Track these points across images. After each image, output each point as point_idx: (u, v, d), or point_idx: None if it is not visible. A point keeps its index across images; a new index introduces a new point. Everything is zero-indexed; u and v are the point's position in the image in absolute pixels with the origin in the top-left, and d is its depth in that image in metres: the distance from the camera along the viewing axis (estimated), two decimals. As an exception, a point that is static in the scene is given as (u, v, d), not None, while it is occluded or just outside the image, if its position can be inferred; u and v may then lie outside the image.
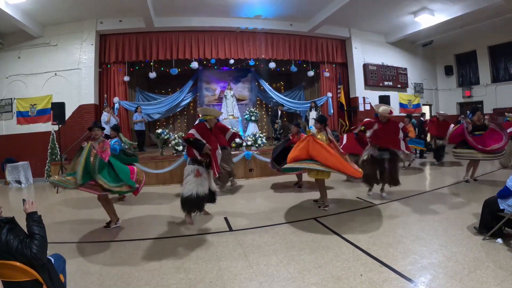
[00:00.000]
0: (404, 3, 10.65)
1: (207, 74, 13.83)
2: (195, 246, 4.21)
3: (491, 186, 6.87)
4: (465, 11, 10.52)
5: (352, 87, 13.54)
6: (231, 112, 12.62)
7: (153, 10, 9.92)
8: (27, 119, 10.45)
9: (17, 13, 9.02)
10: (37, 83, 10.45)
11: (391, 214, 5.26)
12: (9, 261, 2.17)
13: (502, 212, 3.83)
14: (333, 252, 3.82)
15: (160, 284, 3.23)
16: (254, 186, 8.36)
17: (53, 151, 10.09)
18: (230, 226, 5.02)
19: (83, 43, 10.56)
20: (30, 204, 2.47)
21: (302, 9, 10.85)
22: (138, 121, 10.88)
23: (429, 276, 3.11)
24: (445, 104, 15.76)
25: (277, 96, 13.59)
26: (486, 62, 14.29)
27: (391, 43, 14.19)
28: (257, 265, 3.57)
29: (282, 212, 5.69)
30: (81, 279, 3.36)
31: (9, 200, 8.12)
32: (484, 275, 3.04)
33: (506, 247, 3.66)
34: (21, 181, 9.75)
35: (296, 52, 12.60)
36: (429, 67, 15.94)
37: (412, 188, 6.98)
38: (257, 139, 10.07)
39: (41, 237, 2.29)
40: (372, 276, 3.16)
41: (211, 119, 5.22)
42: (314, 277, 3.21)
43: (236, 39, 11.98)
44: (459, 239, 3.98)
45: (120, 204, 6.78)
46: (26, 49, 10.51)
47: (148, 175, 8.55)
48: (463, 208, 5.35)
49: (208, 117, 5.22)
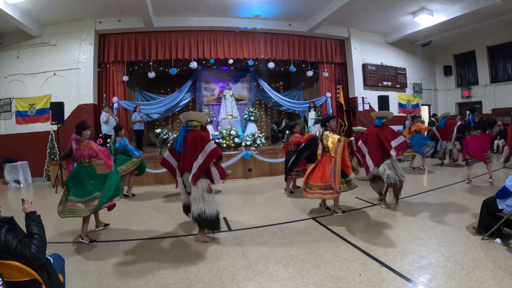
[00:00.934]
0: (403, 3, 10.67)
1: (206, 74, 13.85)
2: (194, 246, 4.21)
3: (490, 186, 6.89)
4: (464, 11, 10.53)
5: (351, 87, 13.55)
6: (230, 112, 12.63)
7: (152, 9, 9.92)
8: (26, 118, 10.43)
9: (16, 13, 9.01)
10: (36, 82, 10.44)
11: (390, 214, 5.27)
12: (8, 261, 2.17)
13: (501, 212, 3.84)
14: (332, 252, 3.82)
15: (159, 283, 3.22)
16: (253, 186, 8.37)
17: (52, 151, 10.10)
18: (229, 226, 5.02)
19: (82, 43, 10.54)
20: (29, 203, 2.47)
21: (301, 9, 10.86)
22: (137, 120, 10.88)
23: (428, 276, 3.11)
24: (444, 104, 15.78)
25: (276, 96, 13.60)
26: (485, 62, 14.31)
27: (390, 43, 14.21)
28: (256, 265, 3.57)
29: (281, 212, 5.69)
30: (80, 279, 3.35)
31: (8, 200, 8.11)
32: (483, 275, 3.05)
33: (505, 247, 3.66)
34: (20, 181, 9.74)
35: (295, 52, 12.61)
36: (428, 67, 15.96)
37: (412, 188, 6.99)
38: (256, 139, 10.08)
39: (40, 237, 2.29)
40: (371, 276, 3.16)
41: (197, 126, 4.43)
42: (313, 277, 3.21)
43: (235, 39, 11.98)
44: (458, 239, 3.98)
45: (120, 203, 6.77)
46: (25, 48, 10.49)
47: (147, 175, 8.59)
48: (462, 208, 5.36)
49: (194, 123, 4.41)
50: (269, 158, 9.58)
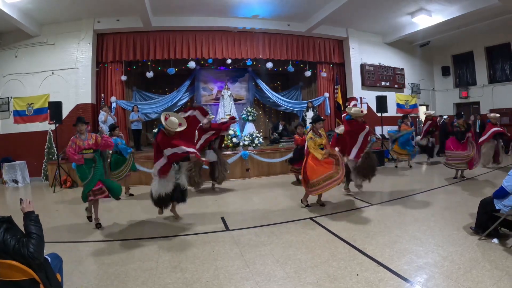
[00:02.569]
0: (402, 3, 10.68)
1: (205, 73, 13.84)
2: (191, 246, 4.22)
3: (487, 186, 6.92)
4: (462, 12, 10.55)
5: (349, 87, 13.55)
6: (228, 112, 12.62)
7: (151, 9, 9.89)
8: (24, 118, 10.40)
9: (15, 12, 8.98)
10: (34, 82, 10.41)
11: (387, 214, 5.29)
12: (6, 260, 2.17)
13: (498, 212, 3.86)
14: (329, 251, 3.83)
15: (156, 283, 3.23)
16: (250, 186, 8.38)
17: (50, 150, 10.08)
18: (227, 226, 5.03)
19: (81, 42, 10.51)
20: (27, 203, 2.48)
21: (300, 9, 10.86)
22: (135, 120, 10.85)
23: (425, 276, 3.13)
24: (442, 104, 15.81)
25: (274, 96, 13.59)
26: (483, 63, 14.32)
27: (389, 44, 14.21)
28: (254, 264, 3.57)
29: (279, 212, 5.70)
30: (78, 279, 3.35)
31: (6, 200, 8.10)
32: (480, 275, 3.07)
33: (502, 247, 3.68)
34: (18, 181, 9.71)
35: (293, 52, 12.59)
36: (426, 67, 15.98)
37: (408, 188, 7.01)
38: (254, 139, 10.09)
39: (38, 237, 2.29)
40: (368, 275, 3.18)
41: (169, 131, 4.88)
42: (310, 277, 3.22)
43: (233, 39, 11.96)
44: (455, 239, 4.00)
45: (118, 203, 6.78)
46: (23, 48, 10.46)
47: (146, 175, 8.58)
48: (459, 208, 5.37)
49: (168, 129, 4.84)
50: (267, 158, 9.59)
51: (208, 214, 5.66)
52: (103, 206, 6.37)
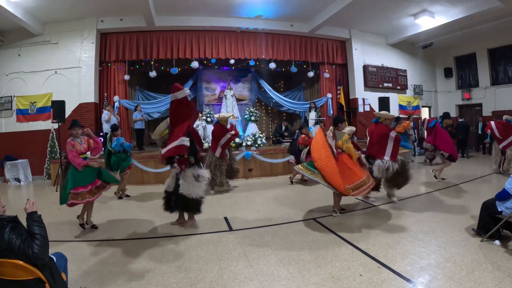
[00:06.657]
0: (405, 5, 10.67)
1: (207, 73, 13.84)
2: (195, 246, 4.23)
3: (490, 188, 6.92)
4: (465, 14, 10.53)
5: (351, 88, 13.55)
6: (231, 112, 12.62)
7: (154, 9, 9.91)
8: (27, 117, 10.43)
9: (18, 11, 9.02)
10: (37, 81, 10.44)
11: (390, 215, 5.30)
12: (12, 260, 2.18)
13: (500, 214, 3.86)
14: (333, 252, 3.85)
15: (160, 283, 3.25)
16: (253, 186, 8.39)
17: (53, 149, 10.12)
18: (230, 226, 5.05)
19: (84, 41, 10.54)
20: (31, 204, 2.47)
21: (303, 9, 10.86)
22: (137, 119, 10.86)
23: (427, 277, 3.14)
24: (444, 106, 15.78)
25: (276, 96, 13.60)
26: (485, 64, 14.30)
27: (391, 45, 14.20)
28: (257, 264, 3.59)
29: (282, 212, 5.72)
30: (82, 278, 3.37)
31: (8, 198, 8.11)
32: (482, 277, 3.07)
33: (504, 249, 3.69)
34: (20, 179, 9.75)
35: (296, 53, 12.60)
36: (429, 69, 15.95)
37: (411, 190, 7.00)
38: (256, 139, 10.10)
39: (42, 237, 2.30)
40: (371, 276, 3.19)
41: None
42: (314, 277, 3.23)
43: (236, 39, 11.97)
44: (457, 241, 4.01)
45: (120, 203, 6.82)
46: (27, 46, 10.49)
47: (148, 174, 8.61)
48: (461, 210, 5.38)
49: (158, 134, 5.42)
50: (269, 158, 9.60)
51: (211, 214, 5.67)
52: (105, 206, 6.43)
